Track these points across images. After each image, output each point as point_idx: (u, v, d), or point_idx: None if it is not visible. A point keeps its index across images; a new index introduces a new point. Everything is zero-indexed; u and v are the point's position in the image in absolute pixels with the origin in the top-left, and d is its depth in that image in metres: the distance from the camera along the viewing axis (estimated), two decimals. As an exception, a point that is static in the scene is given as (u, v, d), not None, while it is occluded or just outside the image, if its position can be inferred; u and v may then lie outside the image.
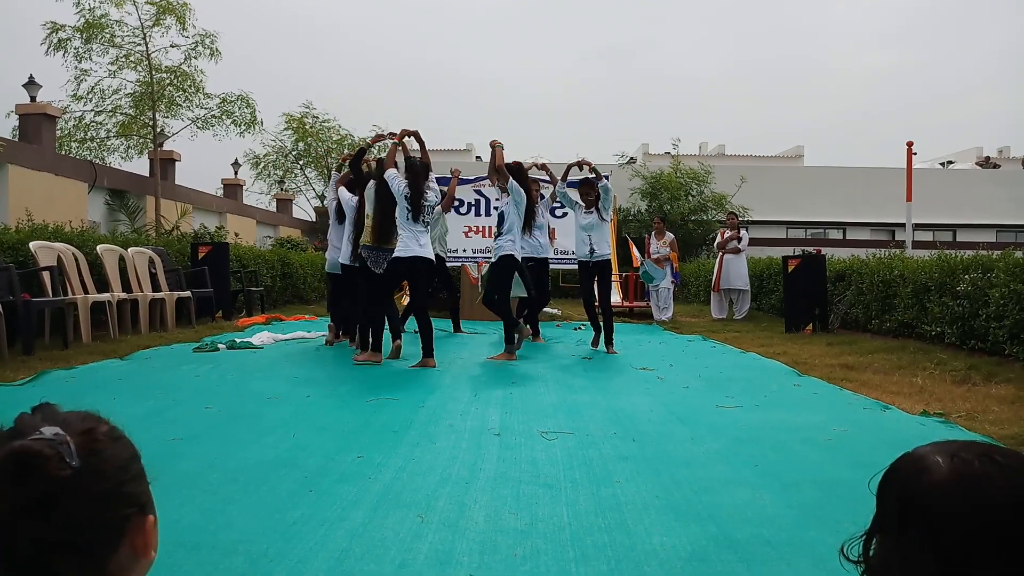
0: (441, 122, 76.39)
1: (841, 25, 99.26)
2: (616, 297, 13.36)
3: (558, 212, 11.82)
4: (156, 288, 9.14)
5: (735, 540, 2.45)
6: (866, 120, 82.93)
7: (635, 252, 13.29)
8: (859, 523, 0.89)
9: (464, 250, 12.68)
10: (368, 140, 9.97)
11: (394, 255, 6.38)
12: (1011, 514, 0.78)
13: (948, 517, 0.79)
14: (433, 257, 6.55)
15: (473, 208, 12.96)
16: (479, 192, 12.89)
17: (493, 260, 7.28)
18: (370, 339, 6.63)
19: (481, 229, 12.76)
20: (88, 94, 15.77)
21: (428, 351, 6.39)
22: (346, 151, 22.96)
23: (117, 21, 15.13)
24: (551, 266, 8.85)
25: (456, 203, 11.23)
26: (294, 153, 24.64)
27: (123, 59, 15.44)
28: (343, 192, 7.18)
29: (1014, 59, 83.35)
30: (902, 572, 0.83)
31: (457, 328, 9.58)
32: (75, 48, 15.07)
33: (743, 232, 12.64)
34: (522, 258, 7.26)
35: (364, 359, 6.50)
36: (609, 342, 7.66)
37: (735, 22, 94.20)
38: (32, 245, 7.24)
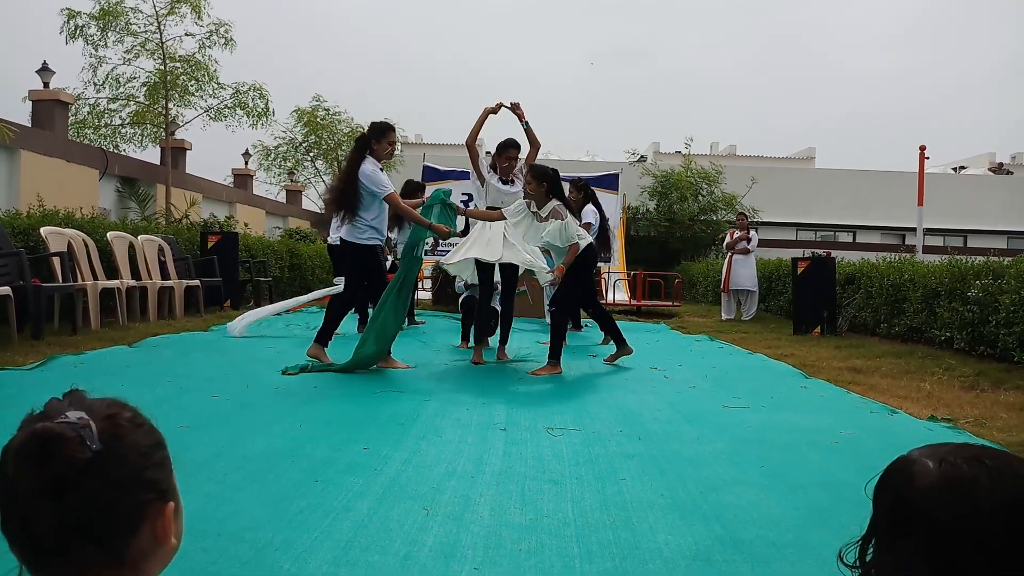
0: (452, 115, 76.54)
1: (855, 24, 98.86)
2: (623, 295, 13.36)
3: None
4: (165, 276, 9.17)
5: (740, 540, 2.44)
6: (879, 122, 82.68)
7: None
8: (864, 527, 0.89)
9: None
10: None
11: None
12: (997, 518, 0.77)
13: (936, 521, 0.79)
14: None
15: None
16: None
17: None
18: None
19: None
20: (104, 82, 15.81)
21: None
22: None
23: (132, 9, 15.17)
24: None
25: None
26: (304, 145, 24.67)
27: (139, 47, 15.47)
28: None
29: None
30: None
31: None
32: (91, 35, 15.11)
33: (752, 233, 12.60)
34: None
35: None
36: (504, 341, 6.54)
37: (749, 22, 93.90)
38: (43, 230, 7.27)
